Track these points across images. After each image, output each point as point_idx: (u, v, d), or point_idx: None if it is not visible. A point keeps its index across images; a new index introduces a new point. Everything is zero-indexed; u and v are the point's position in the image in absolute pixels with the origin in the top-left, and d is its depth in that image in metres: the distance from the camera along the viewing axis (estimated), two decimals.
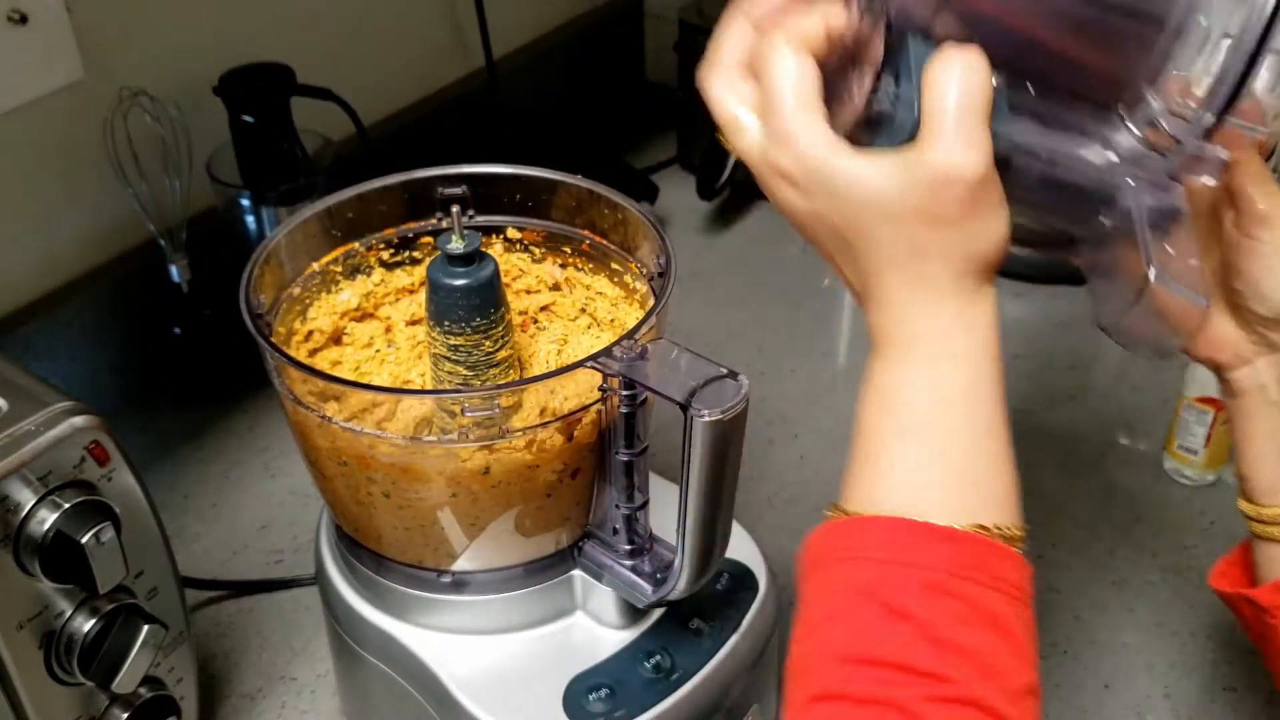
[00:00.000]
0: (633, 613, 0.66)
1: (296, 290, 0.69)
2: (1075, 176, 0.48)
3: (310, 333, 0.69)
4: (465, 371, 0.64)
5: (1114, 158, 0.47)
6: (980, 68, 0.45)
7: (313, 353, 0.69)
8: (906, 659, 0.43)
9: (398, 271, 0.73)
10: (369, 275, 0.72)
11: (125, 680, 0.62)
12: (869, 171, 0.46)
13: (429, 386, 0.67)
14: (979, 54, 0.45)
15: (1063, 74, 0.47)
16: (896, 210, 0.46)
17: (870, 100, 0.47)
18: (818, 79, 0.47)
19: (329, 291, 0.71)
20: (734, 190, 1.32)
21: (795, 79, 0.47)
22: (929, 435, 0.48)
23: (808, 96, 0.47)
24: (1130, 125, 0.47)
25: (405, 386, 0.67)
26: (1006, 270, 1.16)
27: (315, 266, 0.70)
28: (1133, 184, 0.47)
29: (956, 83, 0.45)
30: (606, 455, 0.62)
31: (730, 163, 1.23)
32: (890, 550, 0.45)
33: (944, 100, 0.45)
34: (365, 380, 0.67)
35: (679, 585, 0.62)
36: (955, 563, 0.45)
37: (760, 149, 0.49)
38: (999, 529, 0.47)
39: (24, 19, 0.85)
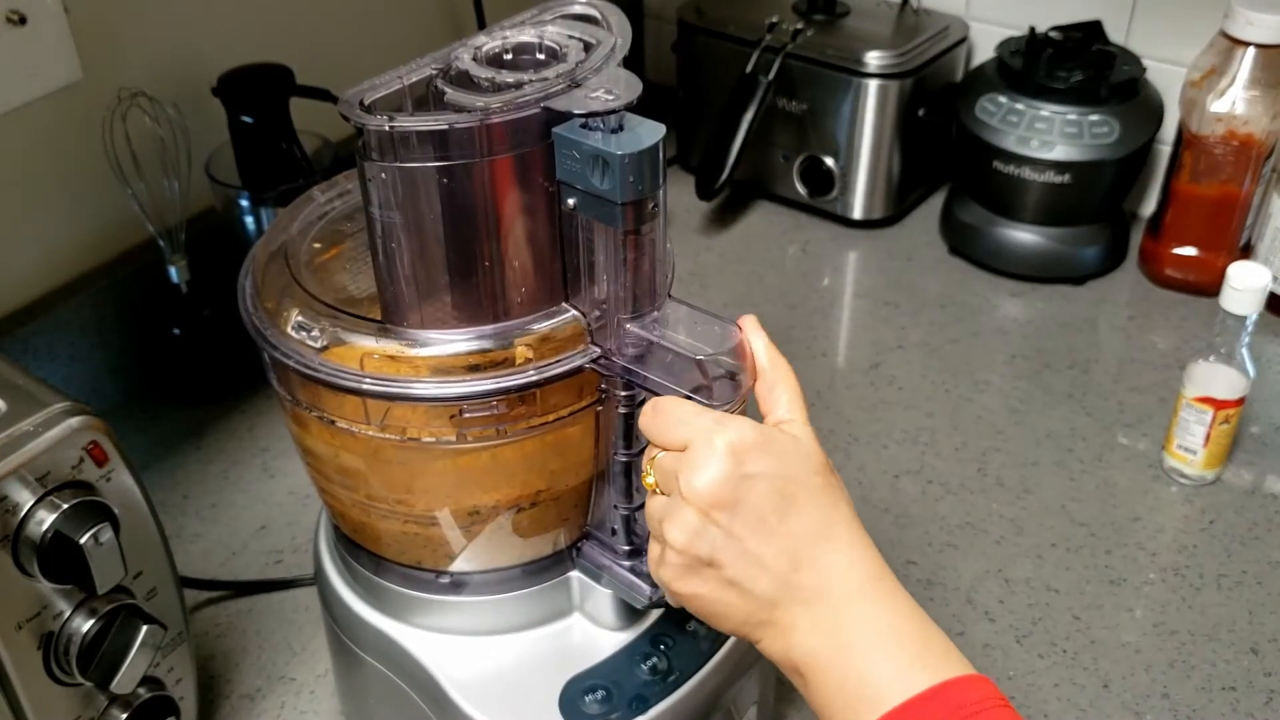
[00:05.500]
0: (630, 614, 0.66)
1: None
2: None
3: None
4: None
5: None
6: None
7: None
8: None
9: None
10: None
11: (124, 680, 0.63)
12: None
13: None
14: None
15: None
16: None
17: None
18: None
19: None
20: (733, 190, 1.32)
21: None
22: (877, 626, 0.51)
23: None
24: None
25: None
26: (1007, 270, 1.19)
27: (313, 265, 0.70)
28: None
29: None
30: (605, 456, 0.62)
31: (730, 162, 1.23)
32: None
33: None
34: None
35: None
36: (958, 710, 0.48)
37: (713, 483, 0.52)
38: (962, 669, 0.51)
39: (23, 20, 0.85)
